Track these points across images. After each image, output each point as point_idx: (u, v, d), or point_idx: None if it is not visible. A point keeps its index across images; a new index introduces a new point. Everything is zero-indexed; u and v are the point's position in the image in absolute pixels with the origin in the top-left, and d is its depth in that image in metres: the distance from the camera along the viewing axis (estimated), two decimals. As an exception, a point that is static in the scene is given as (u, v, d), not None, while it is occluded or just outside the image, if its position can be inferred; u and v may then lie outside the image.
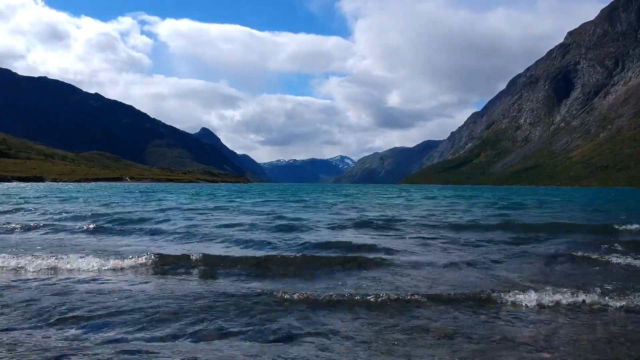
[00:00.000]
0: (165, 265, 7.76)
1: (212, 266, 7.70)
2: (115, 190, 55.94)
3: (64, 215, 16.93)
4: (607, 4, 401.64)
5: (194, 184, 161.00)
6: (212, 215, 18.26)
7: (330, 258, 8.35)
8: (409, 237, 11.86)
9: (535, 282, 6.80)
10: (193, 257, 8.04)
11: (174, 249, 9.75)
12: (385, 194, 51.73)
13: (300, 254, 8.58)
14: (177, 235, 11.80)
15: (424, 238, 11.60)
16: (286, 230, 13.19)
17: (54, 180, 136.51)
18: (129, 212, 18.78)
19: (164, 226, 13.87)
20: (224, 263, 7.89)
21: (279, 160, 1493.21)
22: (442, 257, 8.93)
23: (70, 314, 4.94)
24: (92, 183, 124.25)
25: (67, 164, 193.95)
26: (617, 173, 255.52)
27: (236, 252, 9.41)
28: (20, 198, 31.28)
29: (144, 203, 27.17)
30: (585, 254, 8.96)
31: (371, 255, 8.69)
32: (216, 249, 9.62)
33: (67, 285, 6.35)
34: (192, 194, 45.74)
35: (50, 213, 17.81)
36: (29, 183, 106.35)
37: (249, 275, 7.17)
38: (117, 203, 26.50)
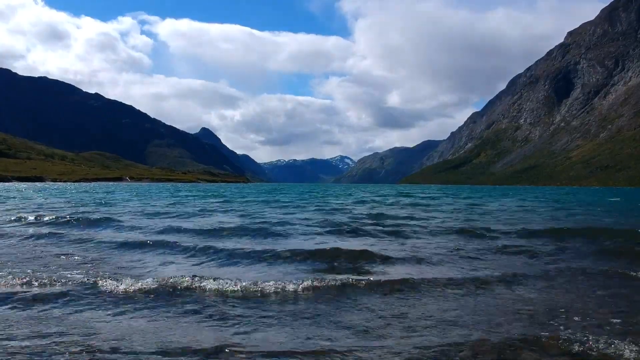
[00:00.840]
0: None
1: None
2: (102, 191, 55.70)
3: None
4: (607, 4, 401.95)
5: (194, 184, 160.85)
6: (189, 217, 17.01)
7: (304, 280, 6.22)
8: (404, 245, 10.02)
9: (618, 322, 4.55)
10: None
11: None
12: (383, 194, 51.35)
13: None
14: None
15: (420, 246, 9.78)
16: (262, 236, 11.46)
17: (54, 180, 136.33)
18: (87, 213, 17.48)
19: (110, 232, 11.96)
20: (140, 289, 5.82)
21: (279, 160, 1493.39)
22: (447, 271, 7.03)
23: None
24: (92, 183, 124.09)
25: (67, 164, 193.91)
26: (617, 173, 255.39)
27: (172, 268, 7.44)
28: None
29: (126, 203, 26.13)
30: None
31: (354, 276, 6.66)
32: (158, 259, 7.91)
33: None
34: (182, 194, 45.47)
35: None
36: (28, 183, 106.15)
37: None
38: (84, 205, 23.97)
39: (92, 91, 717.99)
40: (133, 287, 5.84)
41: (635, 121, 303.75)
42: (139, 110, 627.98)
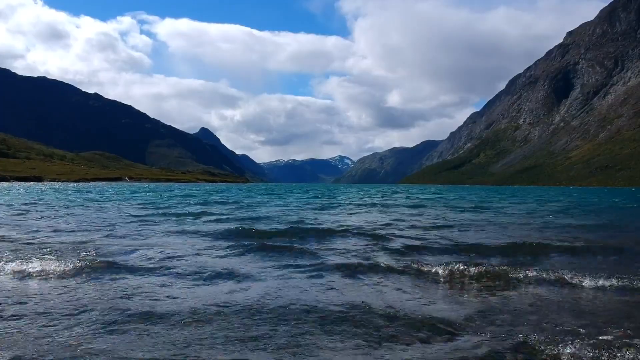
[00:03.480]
0: None
1: None
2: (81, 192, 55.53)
3: None
4: (606, 4, 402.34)
5: (194, 184, 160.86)
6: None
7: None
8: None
9: None
10: None
11: None
12: (376, 195, 51.34)
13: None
14: None
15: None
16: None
17: (53, 180, 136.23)
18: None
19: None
20: None
21: (279, 160, 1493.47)
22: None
23: None
24: (91, 183, 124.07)
25: (66, 164, 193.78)
26: (617, 173, 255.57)
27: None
28: None
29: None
30: None
31: None
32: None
33: None
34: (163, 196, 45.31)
35: None
36: (27, 183, 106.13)
37: None
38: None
39: (91, 91, 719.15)
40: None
41: (635, 121, 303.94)
42: (138, 111, 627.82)
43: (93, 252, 8.86)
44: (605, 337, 4.35)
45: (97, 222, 14.98)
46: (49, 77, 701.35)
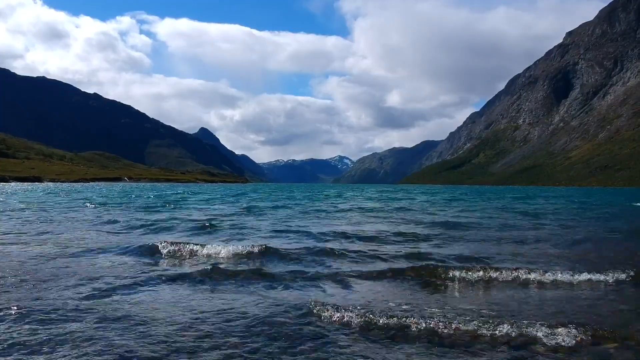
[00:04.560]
0: None
1: None
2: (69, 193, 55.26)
3: None
4: (606, 4, 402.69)
5: (193, 184, 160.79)
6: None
7: None
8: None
9: None
10: None
11: None
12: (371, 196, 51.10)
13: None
14: None
15: None
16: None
17: (52, 180, 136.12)
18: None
19: None
20: None
21: (278, 160, 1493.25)
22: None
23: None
24: (91, 183, 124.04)
25: (65, 164, 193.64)
26: (616, 173, 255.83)
27: None
28: None
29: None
30: None
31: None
32: None
33: None
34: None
35: None
36: (26, 183, 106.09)
37: None
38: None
39: (91, 91, 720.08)
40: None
41: (634, 121, 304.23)
42: (137, 110, 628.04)
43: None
44: None
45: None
46: (48, 77, 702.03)
